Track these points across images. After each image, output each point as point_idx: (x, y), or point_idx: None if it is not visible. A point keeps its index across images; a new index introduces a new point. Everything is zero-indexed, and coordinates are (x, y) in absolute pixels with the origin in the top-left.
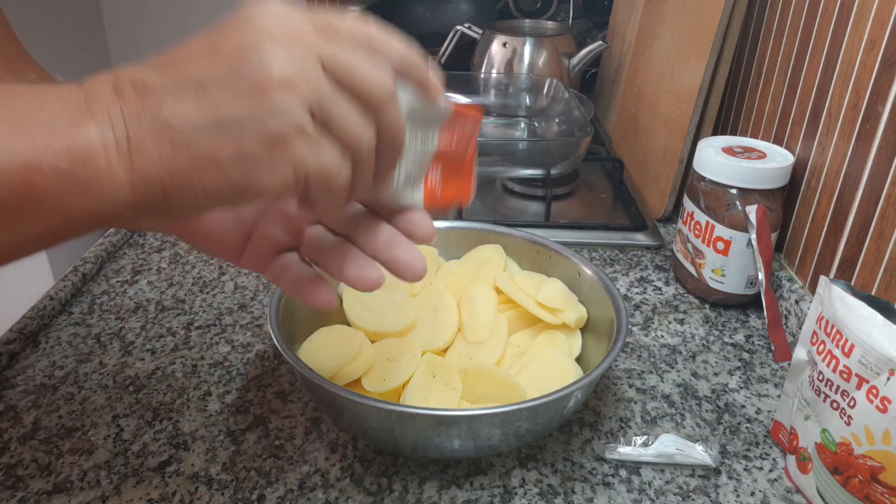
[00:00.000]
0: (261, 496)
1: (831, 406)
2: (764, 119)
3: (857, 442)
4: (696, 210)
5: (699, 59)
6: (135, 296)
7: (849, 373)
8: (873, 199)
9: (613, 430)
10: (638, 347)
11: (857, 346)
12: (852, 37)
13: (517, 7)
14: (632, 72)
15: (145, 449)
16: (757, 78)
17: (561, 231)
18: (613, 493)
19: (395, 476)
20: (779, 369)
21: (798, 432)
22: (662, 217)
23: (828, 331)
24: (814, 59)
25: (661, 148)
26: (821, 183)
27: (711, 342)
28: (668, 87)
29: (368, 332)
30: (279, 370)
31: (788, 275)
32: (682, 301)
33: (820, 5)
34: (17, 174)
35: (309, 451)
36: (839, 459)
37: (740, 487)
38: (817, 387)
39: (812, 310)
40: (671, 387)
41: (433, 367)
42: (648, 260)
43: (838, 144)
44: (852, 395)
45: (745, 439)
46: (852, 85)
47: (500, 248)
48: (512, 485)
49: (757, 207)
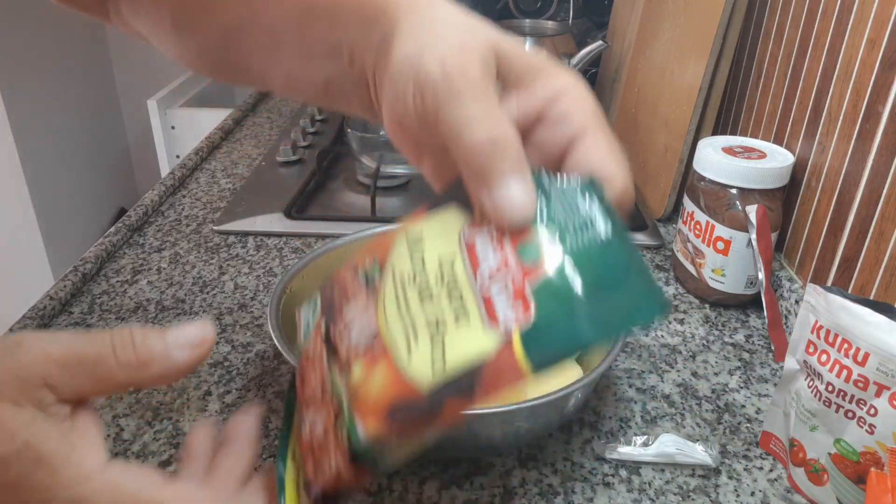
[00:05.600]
0: None
1: (845, 416)
2: (764, 119)
3: (883, 449)
4: (696, 210)
5: (699, 59)
6: (135, 296)
7: (865, 381)
8: (873, 199)
9: (613, 430)
10: (638, 347)
11: (873, 354)
12: (852, 37)
13: (517, 7)
14: (632, 72)
15: (145, 449)
16: (757, 78)
17: None
18: (613, 493)
19: (395, 476)
20: (779, 369)
21: (804, 445)
22: (662, 217)
23: (829, 340)
24: (814, 59)
25: (661, 148)
26: (821, 183)
27: (711, 342)
28: (668, 87)
29: None
30: (279, 370)
31: (788, 275)
32: (682, 301)
33: (820, 5)
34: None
35: None
36: (864, 469)
37: (740, 487)
38: (826, 398)
39: (802, 319)
40: (671, 387)
41: None
42: (648, 260)
43: (838, 144)
44: (871, 403)
45: (745, 439)
46: (852, 85)
47: None
48: (512, 485)
49: (757, 207)
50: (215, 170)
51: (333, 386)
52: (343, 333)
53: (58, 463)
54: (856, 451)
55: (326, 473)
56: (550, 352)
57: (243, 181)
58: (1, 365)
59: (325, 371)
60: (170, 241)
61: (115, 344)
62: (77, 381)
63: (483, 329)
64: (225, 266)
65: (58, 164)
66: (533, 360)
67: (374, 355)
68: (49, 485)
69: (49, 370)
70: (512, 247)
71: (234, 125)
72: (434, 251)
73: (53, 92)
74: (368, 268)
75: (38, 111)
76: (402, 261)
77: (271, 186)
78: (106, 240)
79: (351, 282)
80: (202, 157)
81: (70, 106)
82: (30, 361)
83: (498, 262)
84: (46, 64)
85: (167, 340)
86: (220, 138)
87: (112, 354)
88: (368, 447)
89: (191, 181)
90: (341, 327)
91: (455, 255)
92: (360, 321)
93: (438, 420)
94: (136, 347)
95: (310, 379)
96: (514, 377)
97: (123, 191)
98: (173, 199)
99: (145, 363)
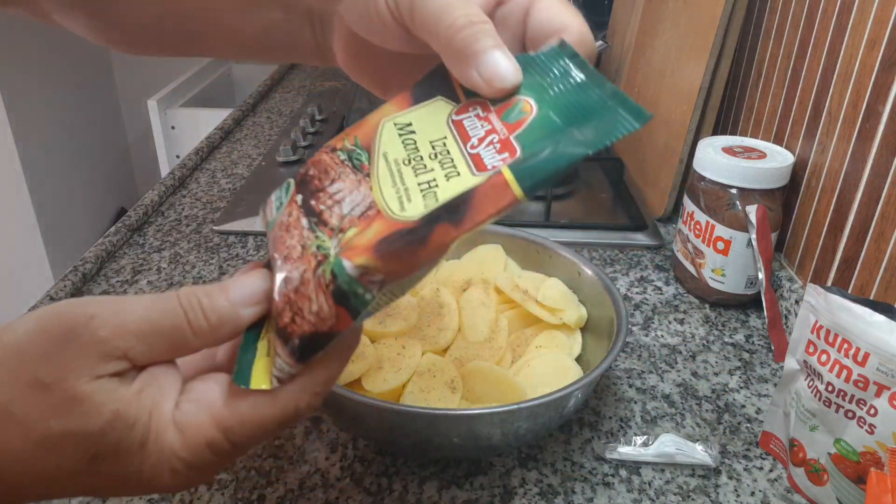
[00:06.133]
0: (261, 496)
1: (845, 416)
2: (764, 119)
3: (883, 449)
4: (697, 210)
5: (699, 59)
6: None
7: (865, 381)
8: (873, 199)
9: (613, 430)
10: (638, 347)
11: (873, 354)
12: (852, 37)
13: None
14: (632, 72)
15: None
16: (757, 78)
17: (561, 231)
18: (613, 493)
19: (395, 476)
20: (779, 369)
21: (804, 444)
22: (662, 217)
23: (829, 340)
24: (814, 59)
25: (661, 148)
26: (821, 183)
27: (711, 342)
28: (668, 87)
29: (368, 332)
30: None
31: (788, 275)
32: (682, 301)
33: (820, 5)
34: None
35: (309, 450)
36: (864, 469)
37: (740, 487)
38: (826, 398)
39: (802, 318)
40: (671, 387)
41: (433, 367)
42: (648, 260)
43: (838, 144)
44: (871, 403)
45: (745, 439)
46: (852, 85)
47: (500, 247)
48: (512, 485)
49: (757, 207)
50: (215, 170)
51: (317, 240)
52: (331, 206)
53: (146, 420)
54: (856, 451)
55: (307, 317)
56: (540, 173)
57: (243, 181)
58: (78, 342)
59: (303, 231)
60: (170, 241)
61: (186, 311)
62: (155, 351)
63: (472, 176)
64: (225, 266)
65: (58, 164)
66: (524, 184)
67: (370, 219)
68: (145, 440)
69: (128, 343)
70: (497, 116)
71: (234, 125)
72: (425, 136)
73: (53, 92)
74: (349, 147)
75: (38, 111)
76: (395, 147)
77: (271, 186)
78: (106, 240)
79: (331, 162)
80: (202, 157)
81: (70, 106)
82: (108, 335)
83: (486, 129)
84: (46, 64)
85: (232, 299)
86: (220, 138)
87: (186, 324)
88: (352, 280)
89: (191, 181)
90: (326, 200)
91: (446, 136)
92: (353, 197)
93: (426, 248)
94: (205, 312)
95: (284, 241)
96: (506, 200)
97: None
98: (173, 199)
99: (216, 328)
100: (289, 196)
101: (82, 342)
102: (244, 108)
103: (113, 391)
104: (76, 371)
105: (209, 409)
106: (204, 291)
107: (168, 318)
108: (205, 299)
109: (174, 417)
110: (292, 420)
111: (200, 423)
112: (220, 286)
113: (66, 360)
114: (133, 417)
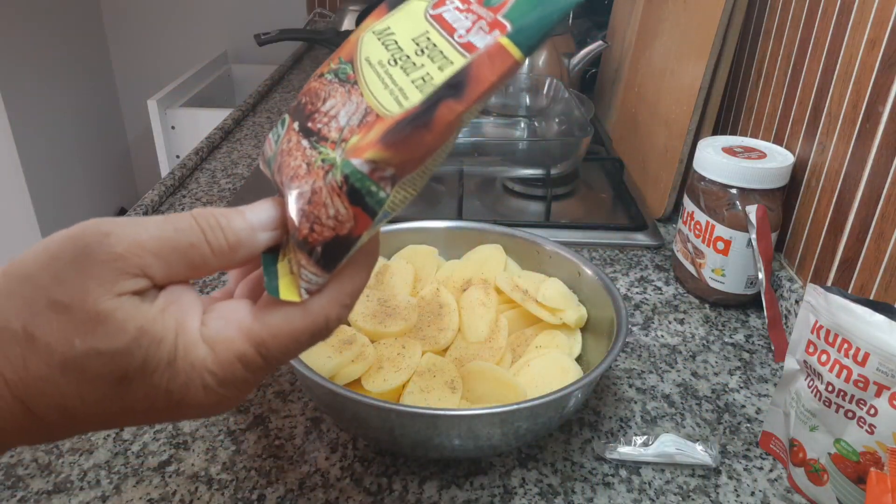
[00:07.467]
0: (261, 496)
1: (845, 416)
2: (764, 119)
3: (883, 449)
4: (696, 210)
5: (699, 59)
6: None
7: (865, 381)
8: (873, 199)
9: (613, 430)
10: (638, 347)
11: (873, 354)
12: (852, 37)
13: None
14: (632, 72)
15: (145, 448)
16: (757, 78)
17: (561, 231)
18: (613, 493)
19: (395, 476)
20: (779, 369)
21: (804, 444)
22: (662, 217)
23: (829, 340)
24: (814, 59)
25: (661, 148)
26: (821, 183)
27: (711, 342)
28: (668, 87)
29: (368, 332)
30: (279, 370)
31: (788, 275)
32: (682, 301)
33: (820, 5)
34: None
35: (309, 450)
36: (864, 469)
37: (740, 487)
38: (826, 398)
39: (802, 318)
40: (671, 387)
41: (433, 367)
42: (648, 260)
43: (838, 144)
44: (871, 403)
45: (745, 439)
46: (852, 85)
47: (500, 248)
48: (512, 485)
49: (757, 207)
50: (215, 170)
51: (321, 155)
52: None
53: (173, 337)
54: (856, 451)
55: (326, 223)
56: (535, 31)
57: (243, 181)
58: (95, 259)
59: (306, 150)
60: None
61: (204, 230)
62: (173, 269)
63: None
64: None
65: (58, 164)
66: (521, 45)
67: (369, 124)
68: (173, 358)
69: (146, 261)
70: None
71: (234, 125)
72: (405, 34)
73: (53, 92)
74: (336, 68)
75: (38, 111)
76: (375, 50)
77: (271, 186)
78: None
79: (321, 85)
80: (202, 157)
81: (70, 106)
82: (124, 252)
83: (472, 20)
84: (46, 64)
85: (250, 222)
86: (220, 138)
87: (205, 243)
88: (364, 177)
89: (191, 181)
90: (322, 118)
91: (427, 30)
92: (347, 108)
93: (432, 130)
94: (224, 231)
95: (289, 163)
96: (506, 64)
97: (123, 191)
98: (173, 199)
99: (234, 248)
100: (285, 128)
101: (99, 259)
102: (244, 108)
103: (136, 308)
104: (96, 289)
105: (238, 324)
106: (221, 212)
107: (186, 237)
108: (223, 219)
109: (202, 334)
110: (323, 333)
111: (231, 339)
112: (235, 210)
113: (84, 279)
114: (159, 334)
